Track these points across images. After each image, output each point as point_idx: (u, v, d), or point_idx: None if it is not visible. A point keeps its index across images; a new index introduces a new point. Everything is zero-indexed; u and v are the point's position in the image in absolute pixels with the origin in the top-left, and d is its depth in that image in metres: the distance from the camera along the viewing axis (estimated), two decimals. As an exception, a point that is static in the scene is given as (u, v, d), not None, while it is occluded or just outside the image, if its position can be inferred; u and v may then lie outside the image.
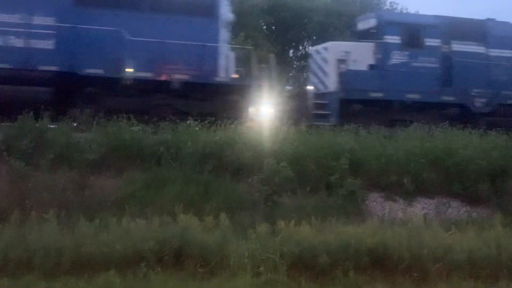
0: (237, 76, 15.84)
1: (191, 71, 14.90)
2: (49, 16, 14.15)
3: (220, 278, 8.24)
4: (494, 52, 17.94)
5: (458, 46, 17.58)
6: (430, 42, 17.25)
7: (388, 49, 16.96)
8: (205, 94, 15.09)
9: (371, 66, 17.07)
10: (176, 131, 11.86)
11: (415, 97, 16.81)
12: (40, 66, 14.01)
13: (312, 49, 18.10)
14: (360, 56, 16.88)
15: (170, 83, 14.80)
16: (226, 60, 15.49)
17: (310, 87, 17.82)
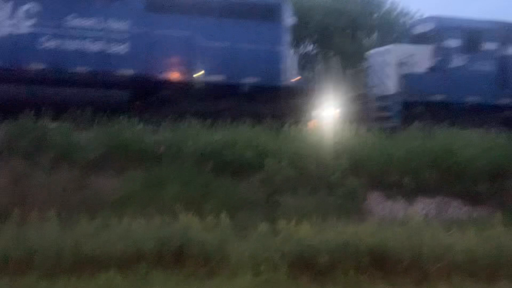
0: (300, 78, 16.18)
1: (259, 75, 15.18)
2: (123, 21, 14.51)
3: (220, 278, 8.22)
4: None
5: None
6: (488, 46, 17.55)
7: (448, 52, 17.27)
8: (271, 97, 15.28)
9: (431, 69, 17.33)
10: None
11: (474, 99, 17.03)
12: (116, 70, 14.30)
13: (371, 52, 18.51)
14: (419, 59, 17.14)
15: (240, 87, 15.06)
16: (290, 63, 15.85)
17: (371, 90, 17.92)
